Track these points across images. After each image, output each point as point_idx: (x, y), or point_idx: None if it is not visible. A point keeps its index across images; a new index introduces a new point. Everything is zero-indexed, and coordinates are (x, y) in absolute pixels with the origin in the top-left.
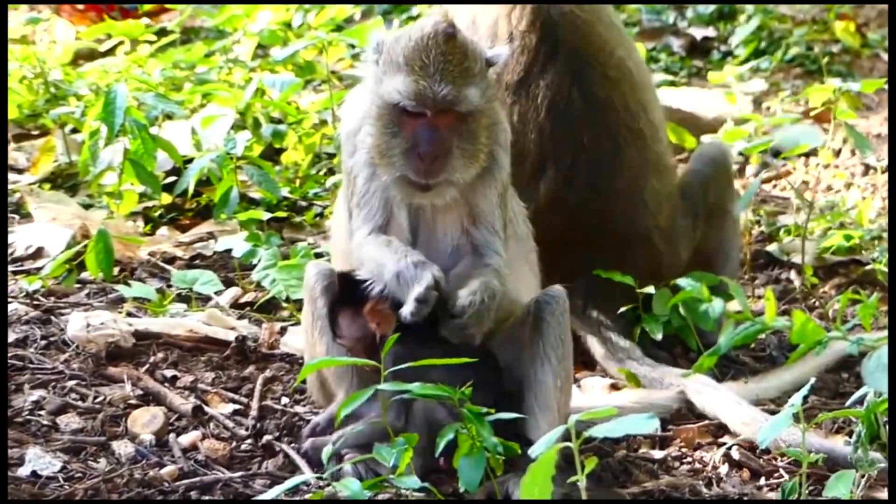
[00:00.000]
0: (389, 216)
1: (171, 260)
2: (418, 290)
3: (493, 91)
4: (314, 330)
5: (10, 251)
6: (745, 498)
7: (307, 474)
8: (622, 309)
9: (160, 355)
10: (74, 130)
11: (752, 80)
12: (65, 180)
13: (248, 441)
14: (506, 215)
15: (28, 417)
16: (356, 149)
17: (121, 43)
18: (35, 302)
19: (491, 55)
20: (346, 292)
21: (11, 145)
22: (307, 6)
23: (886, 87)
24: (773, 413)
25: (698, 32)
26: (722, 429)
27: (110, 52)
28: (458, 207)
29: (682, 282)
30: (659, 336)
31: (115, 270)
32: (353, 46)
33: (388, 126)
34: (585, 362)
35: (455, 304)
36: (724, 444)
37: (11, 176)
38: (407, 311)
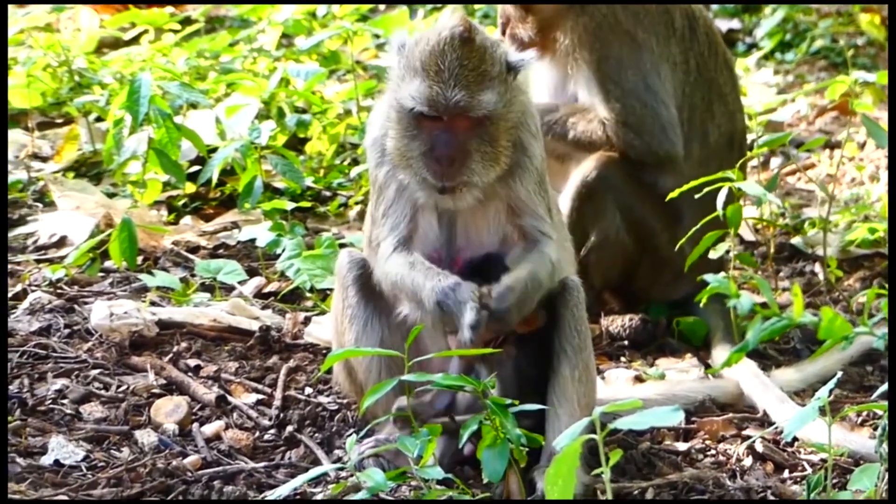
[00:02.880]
0: (416, 226)
1: (195, 249)
2: (470, 317)
3: (515, 93)
4: (343, 318)
5: (33, 239)
6: (769, 491)
7: (329, 465)
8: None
9: (184, 345)
10: (99, 119)
11: (762, 70)
12: (89, 169)
13: (272, 431)
14: (549, 201)
15: (51, 406)
16: (382, 156)
17: (145, 32)
18: (58, 290)
19: (515, 59)
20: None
21: (35, 133)
22: None
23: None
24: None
25: (723, 24)
26: (746, 421)
27: (135, 40)
28: (495, 203)
29: (708, 277)
30: None
31: (139, 259)
32: (377, 36)
33: (407, 129)
34: (609, 354)
35: (494, 294)
36: (749, 436)
37: (35, 164)
38: (465, 339)
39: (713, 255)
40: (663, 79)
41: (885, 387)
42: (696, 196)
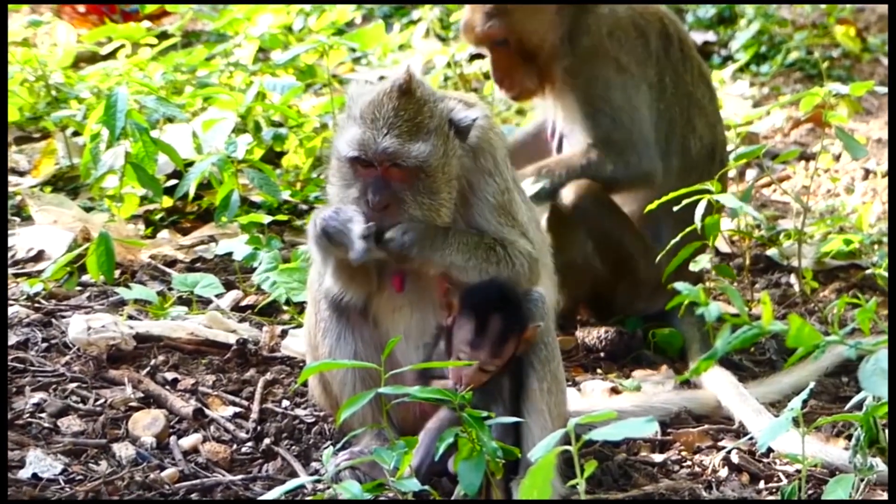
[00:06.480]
0: None
1: (172, 263)
2: (356, 230)
3: (453, 148)
4: (317, 332)
5: (11, 254)
6: (745, 502)
7: (306, 477)
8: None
9: (161, 358)
10: (76, 133)
11: (738, 82)
12: (66, 183)
13: (249, 444)
14: (520, 218)
15: (29, 420)
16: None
17: (122, 46)
18: (36, 305)
19: (460, 117)
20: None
21: (13, 148)
22: (308, 10)
23: (884, 90)
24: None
25: (699, 37)
26: (722, 432)
27: (111, 55)
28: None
29: (679, 286)
30: None
31: (116, 273)
32: (353, 50)
33: (345, 177)
34: (584, 365)
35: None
36: (724, 447)
37: (13, 178)
38: (355, 253)
39: (693, 267)
40: (641, 100)
41: (859, 396)
42: (675, 208)
